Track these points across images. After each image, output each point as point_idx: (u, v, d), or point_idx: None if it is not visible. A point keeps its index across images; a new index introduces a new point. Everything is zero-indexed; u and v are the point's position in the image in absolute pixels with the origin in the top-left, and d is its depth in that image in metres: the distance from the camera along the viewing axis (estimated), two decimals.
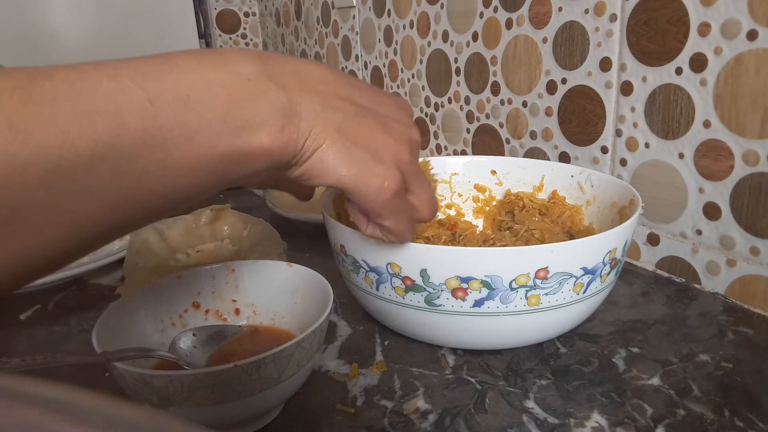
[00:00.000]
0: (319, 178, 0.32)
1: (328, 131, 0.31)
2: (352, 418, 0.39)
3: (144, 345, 0.41)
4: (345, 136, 0.32)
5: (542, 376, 0.43)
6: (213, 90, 0.28)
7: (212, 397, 0.33)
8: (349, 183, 0.32)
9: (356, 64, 1.12)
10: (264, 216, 0.70)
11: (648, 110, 0.57)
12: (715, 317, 0.50)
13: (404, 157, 0.34)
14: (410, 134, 0.35)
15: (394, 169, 0.33)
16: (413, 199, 0.36)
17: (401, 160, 0.34)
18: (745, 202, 0.50)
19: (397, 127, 0.35)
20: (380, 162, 0.33)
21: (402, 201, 0.35)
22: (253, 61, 0.30)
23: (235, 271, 0.46)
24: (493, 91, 0.77)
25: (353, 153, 0.32)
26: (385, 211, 0.34)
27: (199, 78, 0.28)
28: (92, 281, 0.62)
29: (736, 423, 0.37)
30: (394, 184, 0.33)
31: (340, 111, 0.32)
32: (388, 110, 0.35)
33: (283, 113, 0.29)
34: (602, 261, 0.42)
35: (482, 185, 0.64)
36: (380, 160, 0.33)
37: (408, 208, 0.36)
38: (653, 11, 0.55)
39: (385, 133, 0.34)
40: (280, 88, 0.30)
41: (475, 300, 0.41)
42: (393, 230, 0.36)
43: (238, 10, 1.59)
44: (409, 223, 0.37)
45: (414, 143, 0.36)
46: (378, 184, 0.33)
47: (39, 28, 1.40)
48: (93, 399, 0.12)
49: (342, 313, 0.53)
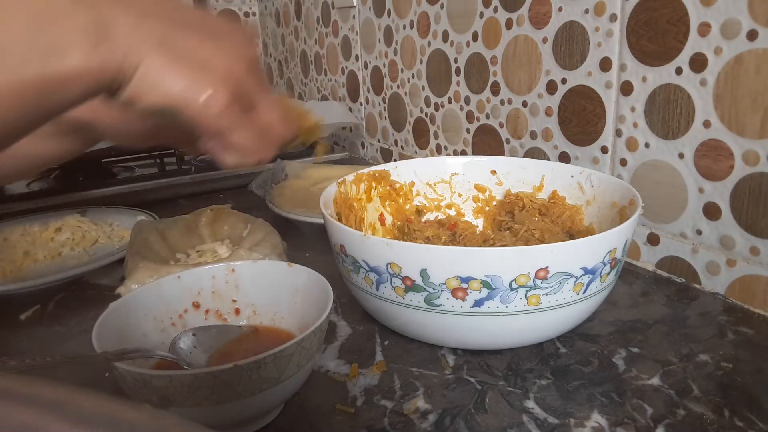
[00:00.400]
0: (145, 97, 0.30)
1: (149, 44, 0.29)
2: (352, 418, 0.39)
3: (144, 345, 0.41)
4: (168, 48, 0.30)
5: (542, 376, 0.43)
6: (12, 12, 0.26)
7: (212, 397, 0.33)
8: (176, 98, 0.31)
9: (356, 64, 1.12)
10: (264, 216, 0.70)
11: (648, 110, 0.57)
12: (715, 317, 0.50)
13: (238, 69, 0.33)
14: (245, 50, 0.34)
15: (225, 82, 0.32)
16: (262, 115, 0.35)
17: (234, 74, 0.33)
18: (745, 202, 0.50)
19: (229, 42, 0.34)
20: (209, 74, 0.31)
21: (242, 116, 0.34)
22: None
23: (235, 271, 0.46)
24: (493, 91, 0.77)
25: (177, 66, 0.30)
26: (222, 126, 0.33)
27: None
28: (92, 281, 0.62)
29: (736, 423, 0.37)
30: (224, 95, 0.32)
31: (162, 23, 0.31)
32: (218, 28, 0.34)
33: (95, 31, 0.28)
34: (602, 261, 0.42)
35: (482, 185, 0.64)
36: (209, 72, 0.31)
37: (256, 124, 0.35)
38: (653, 11, 0.55)
39: (215, 47, 0.32)
40: (89, 6, 0.28)
41: (475, 300, 0.41)
42: (241, 146, 0.35)
43: (238, 10, 1.59)
44: (260, 139, 0.36)
45: (250, 58, 0.35)
46: (207, 97, 0.31)
47: None
48: (93, 399, 0.12)
49: (342, 313, 0.53)
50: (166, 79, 0.30)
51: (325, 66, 1.26)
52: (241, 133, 0.34)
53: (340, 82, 1.20)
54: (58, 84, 0.27)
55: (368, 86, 1.09)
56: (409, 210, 0.64)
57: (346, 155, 1.10)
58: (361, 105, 1.14)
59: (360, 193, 0.59)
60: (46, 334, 0.52)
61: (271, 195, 0.81)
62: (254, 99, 0.35)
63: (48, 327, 0.53)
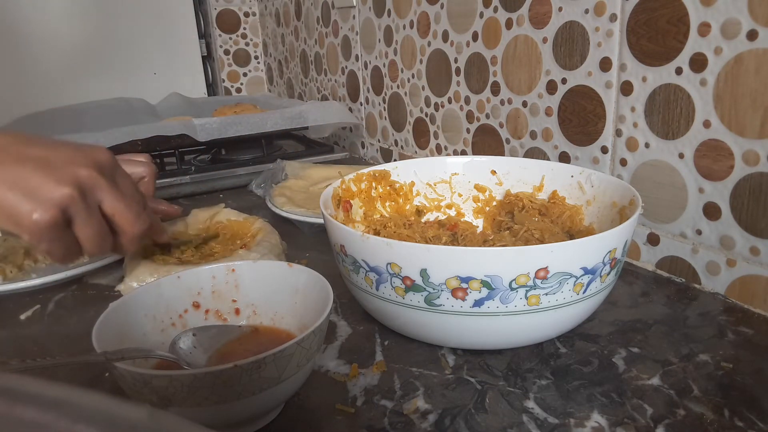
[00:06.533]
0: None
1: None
2: (352, 418, 0.39)
3: (144, 345, 0.41)
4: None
5: (542, 376, 0.43)
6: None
7: (212, 397, 0.33)
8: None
9: (356, 64, 1.12)
10: (264, 216, 0.70)
11: (648, 110, 0.57)
12: (715, 317, 0.50)
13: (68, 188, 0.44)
14: (81, 166, 0.45)
15: (48, 204, 0.43)
16: (107, 215, 0.48)
17: (64, 194, 0.44)
18: (745, 202, 0.50)
19: (64, 162, 0.45)
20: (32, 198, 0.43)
21: (62, 231, 0.45)
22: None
23: (235, 271, 0.46)
24: (493, 91, 0.77)
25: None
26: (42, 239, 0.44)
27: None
28: (92, 281, 0.62)
29: (736, 423, 0.37)
30: (45, 215, 0.43)
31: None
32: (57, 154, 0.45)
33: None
34: (602, 261, 0.42)
35: (482, 185, 0.64)
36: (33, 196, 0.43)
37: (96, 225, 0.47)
38: (653, 11, 0.55)
39: (44, 173, 0.44)
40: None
41: (475, 300, 0.41)
42: (61, 251, 0.46)
43: (238, 10, 1.59)
44: (100, 239, 0.47)
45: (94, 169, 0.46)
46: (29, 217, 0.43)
47: (37, 28, 1.39)
48: (93, 399, 0.12)
49: (342, 313, 0.53)
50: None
51: (325, 66, 1.26)
52: (60, 244, 0.45)
53: (340, 82, 1.20)
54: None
55: (368, 86, 1.09)
56: (409, 210, 0.64)
57: (346, 155, 1.10)
58: (361, 105, 1.14)
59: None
60: (46, 334, 0.52)
61: (271, 195, 0.81)
62: (100, 198, 0.46)
63: (48, 327, 0.53)
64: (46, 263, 0.64)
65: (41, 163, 0.44)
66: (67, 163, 0.45)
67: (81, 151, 0.47)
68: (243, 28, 1.61)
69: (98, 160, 0.47)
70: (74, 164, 0.45)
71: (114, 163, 0.49)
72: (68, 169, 0.44)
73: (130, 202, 0.48)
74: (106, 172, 0.47)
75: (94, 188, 0.46)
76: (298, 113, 1.00)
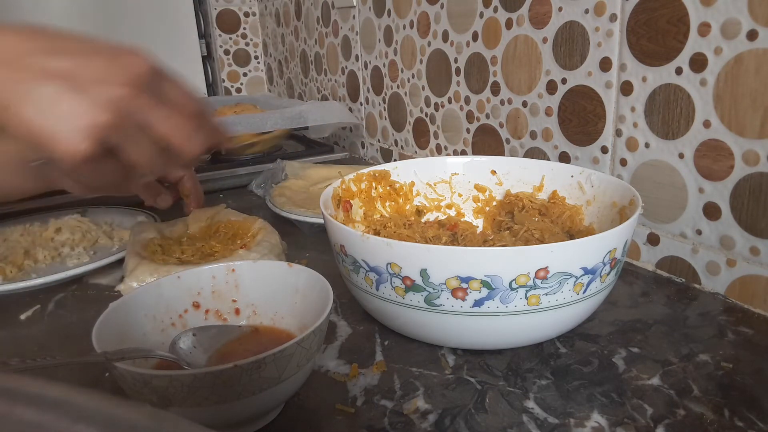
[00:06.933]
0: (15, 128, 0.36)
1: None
2: (352, 418, 0.39)
3: (144, 345, 0.41)
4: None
5: (542, 376, 0.43)
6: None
7: (212, 397, 0.33)
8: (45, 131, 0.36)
9: (356, 64, 1.12)
10: (264, 216, 0.70)
11: (648, 110, 0.57)
12: (715, 317, 0.50)
13: (119, 91, 0.38)
14: (131, 68, 0.39)
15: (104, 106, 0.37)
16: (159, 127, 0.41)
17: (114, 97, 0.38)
18: (745, 202, 0.50)
19: (108, 63, 0.38)
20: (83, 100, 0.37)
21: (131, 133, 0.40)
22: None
23: (235, 271, 0.46)
24: (493, 91, 0.77)
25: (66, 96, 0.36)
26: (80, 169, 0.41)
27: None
28: (92, 281, 0.62)
29: (736, 423, 0.37)
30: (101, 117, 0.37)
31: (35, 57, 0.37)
32: (99, 52, 0.39)
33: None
34: (602, 261, 0.42)
35: (482, 185, 0.64)
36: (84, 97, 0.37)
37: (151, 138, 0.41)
38: (653, 11, 0.55)
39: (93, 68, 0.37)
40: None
41: (475, 300, 0.41)
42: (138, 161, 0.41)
43: (238, 10, 1.59)
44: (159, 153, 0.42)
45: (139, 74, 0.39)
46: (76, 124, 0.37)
47: None
48: (93, 399, 0.12)
49: (342, 313, 0.53)
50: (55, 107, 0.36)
51: (325, 66, 1.26)
52: (135, 149, 0.40)
53: (340, 82, 1.20)
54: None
55: (368, 86, 1.09)
56: (409, 210, 0.64)
57: (346, 155, 1.10)
58: (361, 105, 1.14)
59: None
60: (46, 334, 0.52)
61: (271, 195, 0.81)
62: (145, 121, 0.40)
63: (48, 327, 0.53)
64: (46, 263, 0.64)
65: (70, 80, 0.36)
66: (100, 81, 0.37)
67: (116, 61, 0.39)
68: (243, 28, 1.61)
69: (138, 73, 0.39)
70: (109, 82, 0.38)
71: (157, 72, 0.41)
72: (103, 90, 0.37)
73: (184, 116, 0.41)
74: (149, 85, 0.40)
75: (137, 110, 0.39)
76: (298, 113, 1.00)
